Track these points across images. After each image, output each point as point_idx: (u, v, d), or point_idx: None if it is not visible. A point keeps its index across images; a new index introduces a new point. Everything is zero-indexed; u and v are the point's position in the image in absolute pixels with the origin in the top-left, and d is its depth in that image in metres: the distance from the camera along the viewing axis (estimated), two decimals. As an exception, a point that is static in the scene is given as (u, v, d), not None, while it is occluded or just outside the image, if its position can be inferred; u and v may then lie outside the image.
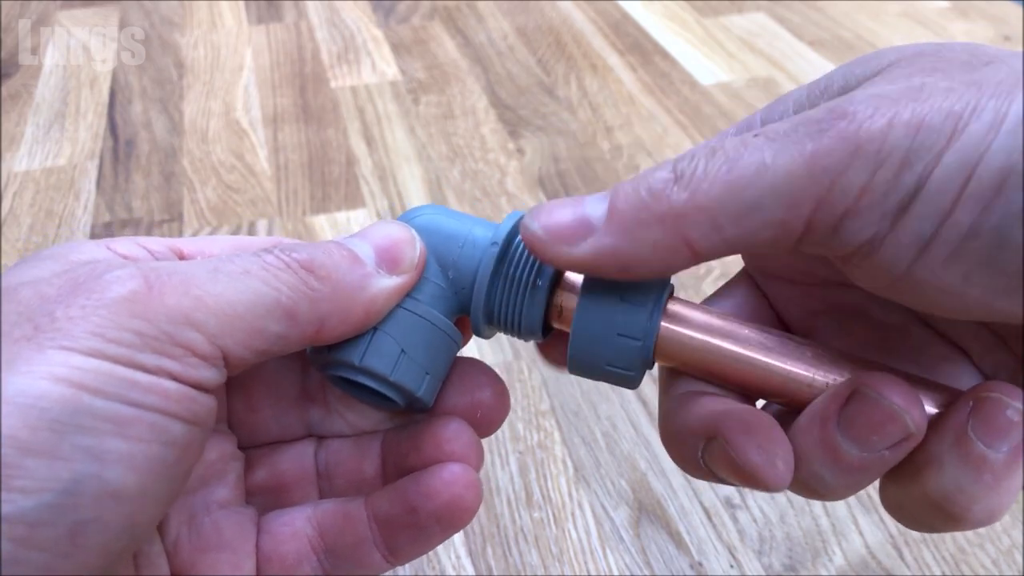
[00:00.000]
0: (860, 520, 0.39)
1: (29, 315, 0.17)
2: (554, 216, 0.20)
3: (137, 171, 0.66)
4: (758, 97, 0.72)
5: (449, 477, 0.22)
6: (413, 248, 0.22)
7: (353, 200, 0.62)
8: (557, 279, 0.22)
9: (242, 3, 0.92)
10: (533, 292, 0.22)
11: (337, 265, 0.20)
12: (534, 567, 0.38)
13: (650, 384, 0.46)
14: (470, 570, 0.38)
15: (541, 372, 0.47)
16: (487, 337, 0.24)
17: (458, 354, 0.24)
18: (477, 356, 0.38)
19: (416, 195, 0.62)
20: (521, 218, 0.22)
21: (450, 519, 0.22)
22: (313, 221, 0.60)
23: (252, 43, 0.84)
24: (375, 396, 0.23)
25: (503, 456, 0.43)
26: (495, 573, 0.38)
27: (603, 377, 0.22)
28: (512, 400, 0.39)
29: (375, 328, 0.22)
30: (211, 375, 0.19)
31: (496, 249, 0.22)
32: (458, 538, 0.39)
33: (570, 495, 0.41)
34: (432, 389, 0.23)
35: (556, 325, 0.23)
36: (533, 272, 0.22)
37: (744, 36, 0.82)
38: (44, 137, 0.70)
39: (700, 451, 0.20)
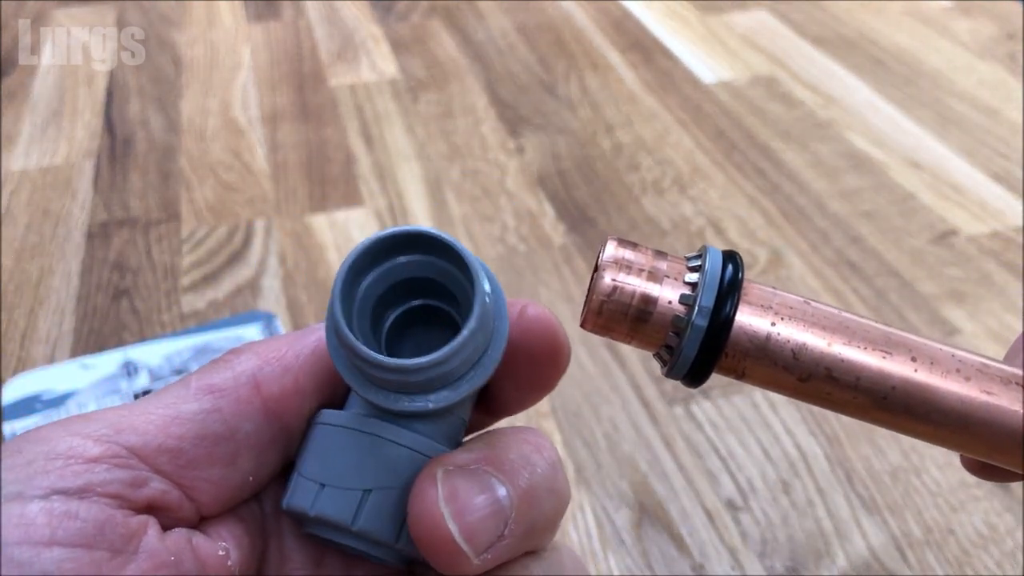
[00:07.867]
0: (863, 522, 0.39)
1: None
2: None
3: (134, 170, 0.66)
4: (760, 95, 0.71)
5: None
6: None
7: (352, 199, 0.61)
8: None
9: (240, 1, 0.92)
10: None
11: None
12: (534, 570, 0.37)
13: (652, 385, 0.46)
14: (469, 573, 0.37)
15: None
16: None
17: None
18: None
19: (415, 194, 0.61)
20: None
21: None
22: (311, 220, 0.59)
23: (250, 41, 0.83)
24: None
25: (503, 457, 0.42)
26: None
27: None
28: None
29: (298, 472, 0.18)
30: None
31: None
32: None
33: (571, 497, 0.40)
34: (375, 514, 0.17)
35: None
36: None
37: (746, 34, 0.81)
38: (41, 136, 0.70)
39: None
